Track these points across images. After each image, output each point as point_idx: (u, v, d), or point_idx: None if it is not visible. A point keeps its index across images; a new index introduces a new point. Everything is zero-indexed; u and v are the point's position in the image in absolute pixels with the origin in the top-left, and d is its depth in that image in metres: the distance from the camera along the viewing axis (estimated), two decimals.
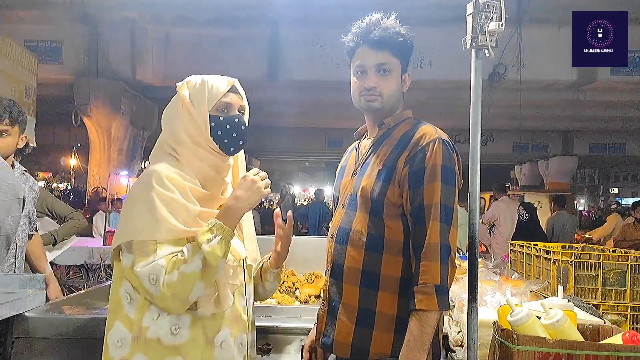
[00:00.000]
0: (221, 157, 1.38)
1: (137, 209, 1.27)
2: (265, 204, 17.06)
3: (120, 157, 8.88)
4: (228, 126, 1.35)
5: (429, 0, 6.32)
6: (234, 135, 1.36)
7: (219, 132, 1.34)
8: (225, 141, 1.35)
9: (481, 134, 1.53)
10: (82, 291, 2.58)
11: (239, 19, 7.08)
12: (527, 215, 6.82)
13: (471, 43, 1.49)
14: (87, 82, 7.87)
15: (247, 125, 1.40)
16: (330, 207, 1.82)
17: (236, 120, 1.37)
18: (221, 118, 1.35)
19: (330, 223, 1.60)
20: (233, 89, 1.39)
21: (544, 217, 8.26)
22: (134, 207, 1.28)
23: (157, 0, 6.77)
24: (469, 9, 1.51)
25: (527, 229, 6.57)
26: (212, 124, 1.34)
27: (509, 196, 8.37)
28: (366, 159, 1.53)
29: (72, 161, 16.42)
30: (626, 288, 2.30)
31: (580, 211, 19.48)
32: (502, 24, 1.47)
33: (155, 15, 7.23)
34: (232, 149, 1.38)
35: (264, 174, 1.35)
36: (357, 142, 1.66)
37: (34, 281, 2.04)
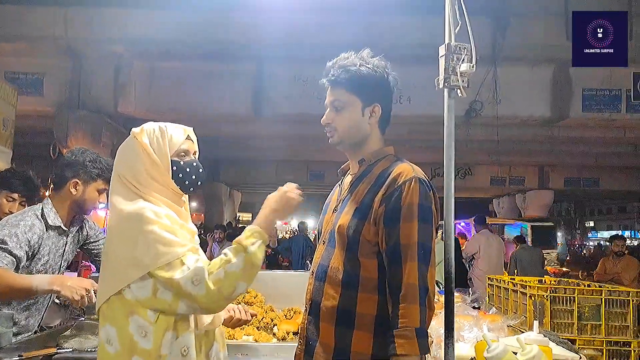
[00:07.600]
0: (179, 195, 1.49)
1: (141, 243, 1.30)
2: None
3: None
4: (188, 169, 1.49)
5: (407, 39, 6.54)
6: (193, 177, 1.50)
7: (180, 175, 1.47)
8: (186, 182, 1.49)
9: (460, 168, 1.58)
10: (52, 328, 2.50)
11: (225, 55, 7.17)
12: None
13: (444, 83, 1.56)
14: (67, 114, 7.81)
15: (203, 168, 1.53)
16: (313, 239, 1.83)
17: (194, 164, 1.51)
18: (181, 162, 1.48)
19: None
20: (188, 137, 1.51)
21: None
22: (136, 244, 1.30)
23: (145, 37, 6.83)
24: (442, 51, 1.58)
25: None
26: (174, 167, 1.46)
27: (489, 229, 8.43)
28: (346, 196, 1.54)
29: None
30: (601, 322, 2.33)
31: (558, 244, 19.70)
32: (473, 65, 1.54)
33: (141, 50, 7.29)
34: (191, 189, 1.51)
35: (295, 185, 1.53)
36: (342, 178, 1.68)
37: (1, 319, 1.97)
